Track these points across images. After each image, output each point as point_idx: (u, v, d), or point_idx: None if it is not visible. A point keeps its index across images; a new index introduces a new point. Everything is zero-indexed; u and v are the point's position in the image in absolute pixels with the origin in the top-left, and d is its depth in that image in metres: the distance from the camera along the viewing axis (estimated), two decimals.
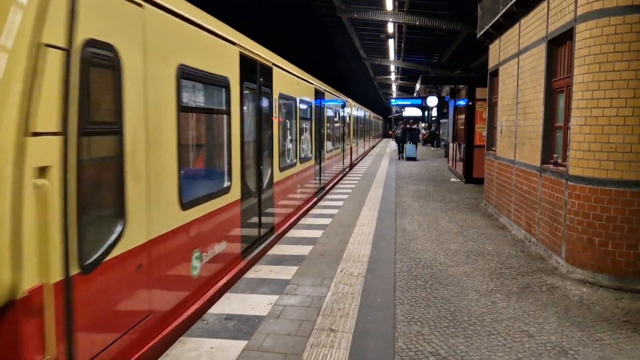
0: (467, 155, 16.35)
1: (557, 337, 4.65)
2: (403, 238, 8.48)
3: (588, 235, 6.28)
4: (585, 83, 6.28)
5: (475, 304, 5.47)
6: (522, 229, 8.67)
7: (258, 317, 4.96)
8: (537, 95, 8.02)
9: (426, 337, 4.60)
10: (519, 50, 9.24)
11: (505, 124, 10.30)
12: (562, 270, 6.65)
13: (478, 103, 15.94)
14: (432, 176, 18.79)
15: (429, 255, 7.44)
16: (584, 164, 6.33)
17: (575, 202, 6.45)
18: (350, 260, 6.97)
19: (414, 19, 20.25)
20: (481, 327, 4.83)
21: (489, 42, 12.05)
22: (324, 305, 5.30)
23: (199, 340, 4.42)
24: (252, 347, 4.30)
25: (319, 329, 4.68)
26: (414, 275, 6.44)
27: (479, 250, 7.74)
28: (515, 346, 4.43)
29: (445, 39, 24.61)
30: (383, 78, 51.76)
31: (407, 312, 5.19)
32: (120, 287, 3.70)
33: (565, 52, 7.19)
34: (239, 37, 6.49)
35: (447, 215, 10.70)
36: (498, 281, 6.26)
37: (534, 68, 8.28)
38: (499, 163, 10.74)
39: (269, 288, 5.83)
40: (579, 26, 6.40)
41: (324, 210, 11.06)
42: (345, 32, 28.23)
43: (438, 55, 30.76)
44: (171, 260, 4.53)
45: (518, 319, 5.05)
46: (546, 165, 7.59)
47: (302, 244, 7.90)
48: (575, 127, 6.48)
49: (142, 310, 4.01)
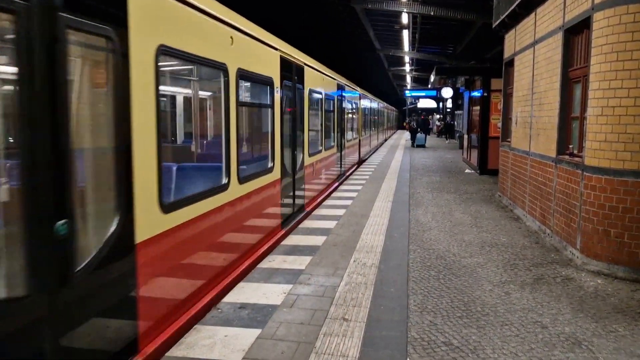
0: (482, 146, 16.24)
1: (571, 328, 4.63)
2: (417, 229, 8.47)
3: (604, 227, 6.22)
4: (602, 73, 6.20)
5: (489, 294, 5.46)
6: (537, 220, 8.61)
7: (272, 306, 5.02)
8: (553, 86, 7.93)
9: (439, 327, 4.62)
10: (534, 39, 9.12)
11: (520, 115, 10.21)
12: (577, 262, 6.61)
13: (493, 94, 15.81)
14: (446, 167, 18.69)
15: (443, 246, 7.43)
16: (600, 155, 6.26)
17: (591, 193, 6.39)
18: (364, 251, 6.99)
19: (428, 9, 20.06)
20: (494, 318, 4.82)
21: (504, 32, 11.91)
22: (337, 295, 5.34)
23: (214, 328, 4.48)
24: (265, 336, 4.35)
25: (332, 318, 4.72)
26: (428, 266, 6.44)
27: (493, 242, 7.71)
28: (528, 337, 4.43)
29: (460, 30, 24.36)
30: (397, 69, 51.38)
31: (420, 302, 5.20)
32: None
33: (582, 41, 7.09)
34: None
35: (461, 206, 10.66)
36: (512, 272, 6.24)
37: (549, 58, 8.18)
38: (513, 154, 10.65)
39: (282, 277, 5.88)
40: (597, 15, 6.30)
41: (338, 202, 11.07)
42: (359, 23, 28.05)
43: (453, 46, 30.46)
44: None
45: (532, 310, 5.04)
46: (562, 156, 7.52)
47: (316, 234, 7.94)
48: (591, 118, 6.40)
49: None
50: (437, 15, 20.16)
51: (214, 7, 5.05)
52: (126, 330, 3.63)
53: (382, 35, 31.77)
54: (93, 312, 3.25)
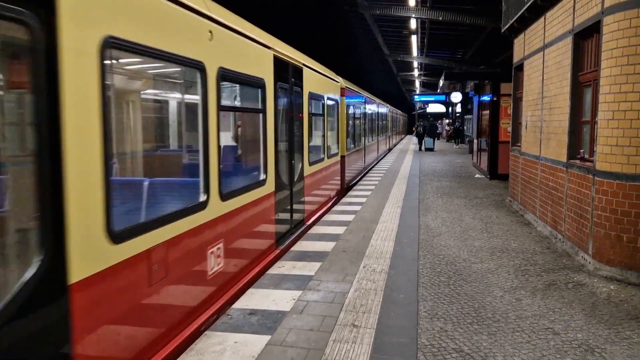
0: (492, 151, 16.16)
1: (584, 334, 4.58)
2: (426, 234, 8.43)
3: (616, 232, 6.16)
4: (612, 77, 6.15)
5: (500, 300, 5.42)
6: (548, 225, 8.54)
7: (281, 312, 5.01)
8: (563, 90, 7.88)
9: (449, 333, 4.59)
10: (544, 44, 9.08)
11: (530, 119, 10.15)
12: (589, 267, 6.54)
13: (502, 98, 15.74)
14: (456, 172, 18.62)
15: (453, 251, 7.39)
16: (611, 159, 6.20)
17: (602, 198, 6.33)
18: (373, 257, 6.97)
19: (437, 14, 20.07)
20: (505, 324, 4.78)
21: (513, 37, 11.88)
22: (346, 301, 5.32)
23: (224, 334, 4.49)
24: (275, 342, 4.34)
25: (341, 325, 4.70)
26: (438, 272, 6.41)
27: (503, 247, 7.66)
28: (540, 343, 4.38)
29: (469, 34, 24.33)
30: (406, 74, 51.41)
31: (430, 309, 5.17)
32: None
33: (592, 45, 7.05)
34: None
35: (471, 211, 10.60)
36: (523, 278, 6.19)
37: (559, 62, 8.14)
38: (524, 159, 10.59)
39: (292, 284, 5.88)
40: (607, 18, 6.27)
41: (347, 207, 11.06)
42: (367, 29, 28.13)
43: (462, 51, 30.42)
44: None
45: (543, 316, 4.99)
46: (572, 160, 7.46)
47: (325, 240, 7.93)
48: (602, 122, 6.35)
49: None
50: (445, 20, 20.16)
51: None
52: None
53: (391, 41, 31.84)
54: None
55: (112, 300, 3.30)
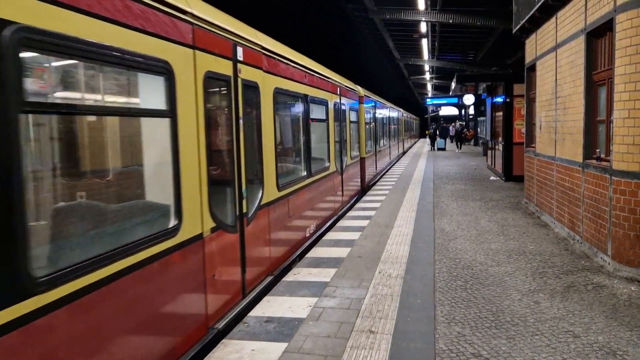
0: (506, 152, 16.04)
1: (605, 337, 4.51)
2: (442, 238, 8.38)
3: (635, 232, 6.06)
4: (627, 75, 6.08)
5: (518, 304, 5.37)
6: (565, 226, 8.44)
7: (297, 319, 5.01)
8: (577, 89, 7.80)
9: (467, 338, 4.55)
10: (556, 43, 9.01)
11: (544, 120, 10.06)
12: (608, 269, 6.44)
13: (516, 99, 15.63)
14: (470, 175, 18.49)
15: (469, 255, 7.33)
16: (628, 158, 6.12)
17: (620, 198, 6.24)
18: (389, 262, 6.95)
19: (447, 17, 20.02)
20: (524, 328, 4.73)
21: (525, 37, 11.80)
22: (363, 307, 5.31)
23: (241, 342, 4.50)
24: (292, 349, 4.34)
25: (358, 331, 4.69)
26: (454, 276, 6.36)
27: (520, 250, 7.58)
28: (560, 347, 4.33)
29: (480, 36, 24.23)
30: (417, 78, 51.25)
31: (447, 313, 5.13)
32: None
33: (606, 43, 6.98)
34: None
35: (487, 214, 10.52)
36: (541, 280, 6.12)
37: (572, 62, 8.06)
38: (538, 160, 10.49)
39: (307, 290, 5.88)
40: (619, 16, 6.20)
41: (361, 212, 11.04)
42: (378, 34, 28.14)
43: (474, 53, 30.29)
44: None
45: (562, 319, 4.92)
46: (589, 160, 7.37)
47: (340, 246, 7.92)
48: (618, 121, 6.28)
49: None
50: (456, 22, 20.10)
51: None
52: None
53: (402, 45, 31.79)
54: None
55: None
